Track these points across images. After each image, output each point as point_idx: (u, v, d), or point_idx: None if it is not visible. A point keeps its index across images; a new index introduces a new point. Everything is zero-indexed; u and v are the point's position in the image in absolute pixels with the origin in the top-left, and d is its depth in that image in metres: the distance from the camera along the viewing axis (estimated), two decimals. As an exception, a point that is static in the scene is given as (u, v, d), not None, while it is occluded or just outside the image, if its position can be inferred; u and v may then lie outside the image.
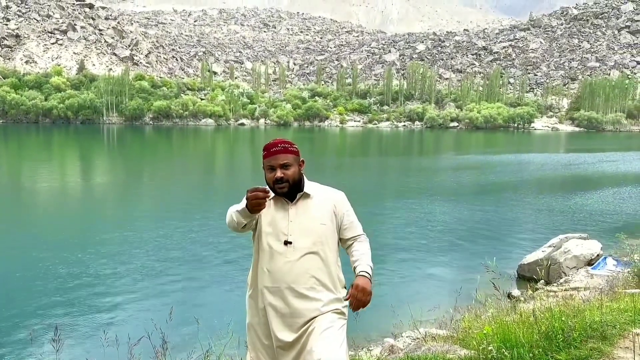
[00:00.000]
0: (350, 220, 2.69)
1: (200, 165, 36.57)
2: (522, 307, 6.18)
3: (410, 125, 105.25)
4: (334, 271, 2.61)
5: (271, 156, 2.59)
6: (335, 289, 2.60)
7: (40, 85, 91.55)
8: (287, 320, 2.51)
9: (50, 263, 11.39)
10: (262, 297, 2.59)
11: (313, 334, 2.45)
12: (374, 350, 5.55)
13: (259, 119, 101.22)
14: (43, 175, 28.30)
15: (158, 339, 3.31)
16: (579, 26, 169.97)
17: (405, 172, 32.25)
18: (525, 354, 3.57)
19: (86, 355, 4.11)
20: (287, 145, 2.62)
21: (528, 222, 17.24)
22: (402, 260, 12.31)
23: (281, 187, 2.56)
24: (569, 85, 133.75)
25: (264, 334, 2.60)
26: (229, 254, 12.38)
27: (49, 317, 8.44)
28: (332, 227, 2.63)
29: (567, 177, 30.40)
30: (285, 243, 2.55)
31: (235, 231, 2.62)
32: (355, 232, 2.70)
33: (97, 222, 16.66)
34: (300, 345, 2.48)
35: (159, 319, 3.94)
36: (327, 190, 2.72)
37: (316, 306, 2.52)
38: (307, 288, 2.52)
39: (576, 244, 11.42)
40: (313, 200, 2.63)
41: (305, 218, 2.58)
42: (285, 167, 2.57)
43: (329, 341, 2.40)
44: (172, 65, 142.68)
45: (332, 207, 2.64)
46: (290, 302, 2.51)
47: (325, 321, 2.48)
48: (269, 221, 2.61)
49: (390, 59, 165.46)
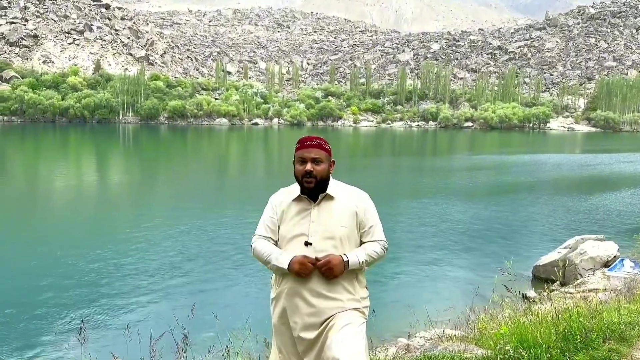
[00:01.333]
0: (370, 225, 2.67)
1: (217, 165, 36.80)
2: (538, 308, 6.15)
3: (424, 125, 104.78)
4: (353, 272, 2.62)
5: (304, 149, 2.63)
6: (355, 290, 2.62)
7: (57, 84, 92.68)
8: (308, 320, 2.55)
9: (73, 260, 11.62)
10: (284, 298, 2.62)
11: (332, 329, 2.48)
12: (389, 349, 5.56)
13: (273, 118, 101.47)
14: (62, 173, 28.70)
15: (179, 334, 3.38)
16: (596, 25, 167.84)
17: (420, 172, 32.14)
18: (543, 355, 3.57)
19: (110, 349, 4.20)
20: (322, 142, 2.66)
21: (544, 223, 17.09)
22: (417, 260, 12.29)
23: (309, 182, 2.58)
24: (586, 85, 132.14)
25: (288, 334, 2.63)
26: (248, 252, 12.47)
27: (74, 312, 8.67)
28: (352, 230, 2.63)
29: (584, 177, 30.07)
30: (306, 244, 2.57)
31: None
32: (373, 238, 2.67)
33: (117, 220, 16.90)
34: (321, 342, 2.51)
35: (180, 315, 4.03)
36: (351, 192, 2.71)
37: (336, 305, 2.55)
38: (326, 288, 2.54)
39: (592, 246, 11.31)
40: (335, 201, 2.63)
41: (327, 220, 2.59)
42: (316, 162, 2.60)
43: (347, 337, 2.43)
44: (186, 65, 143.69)
45: (354, 209, 2.63)
46: (311, 302, 2.54)
47: (344, 318, 2.51)
48: (291, 222, 2.64)
49: (404, 59, 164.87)
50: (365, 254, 2.59)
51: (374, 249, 2.64)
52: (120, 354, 3.84)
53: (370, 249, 2.63)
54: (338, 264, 2.50)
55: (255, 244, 2.69)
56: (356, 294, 2.61)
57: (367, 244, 2.65)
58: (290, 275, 2.56)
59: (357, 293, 2.62)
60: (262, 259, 2.63)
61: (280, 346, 2.68)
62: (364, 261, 2.57)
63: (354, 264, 2.54)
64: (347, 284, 2.59)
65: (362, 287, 2.67)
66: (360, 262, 2.56)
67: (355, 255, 2.56)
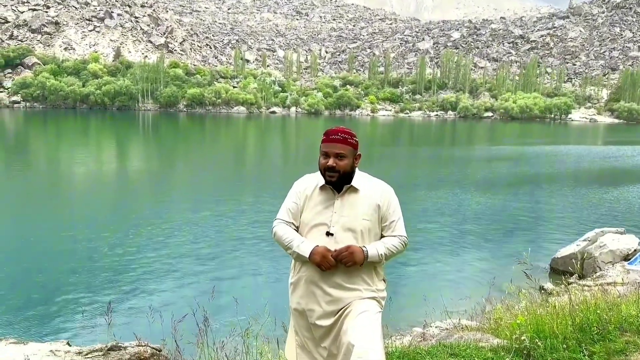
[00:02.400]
0: (392, 220, 2.67)
1: (236, 153, 37.02)
2: (555, 300, 6.13)
3: (442, 115, 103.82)
4: (372, 265, 2.64)
5: (329, 143, 2.61)
6: (372, 282, 2.64)
7: (78, 71, 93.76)
8: (326, 308, 2.58)
9: (98, 244, 11.95)
10: (302, 284, 2.66)
11: (349, 316, 2.52)
12: (405, 338, 5.60)
13: (290, 107, 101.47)
14: (84, 160, 29.16)
15: (200, 316, 3.47)
16: (621, 14, 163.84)
17: (438, 163, 31.94)
18: (559, 345, 3.58)
19: (134, 329, 4.34)
20: (348, 136, 2.62)
21: (563, 215, 16.91)
22: (434, 250, 12.29)
23: (331, 176, 2.59)
24: (609, 75, 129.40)
25: (304, 319, 2.68)
26: (266, 239, 12.70)
27: (101, 294, 9.00)
28: (374, 223, 2.64)
29: (605, 169, 29.59)
30: (327, 234, 2.59)
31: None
32: (394, 233, 2.68)
33: (138, 206, 17.23)
34: (337, 328, 2.56)
35: (201, 298, 4.14)
36: (376, 185, 2.71)
37: (353, 294, 2.58)
38: (345, 279, 2.57)
39: (612, 239, 11.17)
40: (359, 194, 2.64)
41: (349, 211, 2.60)
42: (339, 157, 2.58)
43: (363, 324, 2.46)
44: (205, 53, 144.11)
45: (377, 203, 2.63)
46: (328, 291, 2.58)
47: (361, 305, 2.54)
48: (313, 210, 2.65)
49: (423, 47, 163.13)
50: (385, 247, 2.60)
51: (393, 243, 2.64)
52: (144, 334, 3.96)
53: (390, 243, 2.64)
54: (358, 252, 2.52)
55: (277, 228, 2.71)
56: (373, 286, 2.64)
57: (387, 238, 2.66)
58: (310, 264, 2.59)
59: (374, 285, 2.65)
60: (283, 244, 2.65)
61: (297, 330, 2.73)
62: (383, 254, 2.59)
63: (373, 256, 2.56)
64: (365, 276, 2.62)
65: (380, 279, 2.70)
66: (379, 255, 2.58)
67: (374, 248, 2.58)
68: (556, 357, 3.47)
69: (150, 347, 4.36)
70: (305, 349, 2.69)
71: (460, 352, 3.59)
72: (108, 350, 4.20)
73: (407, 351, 3.62)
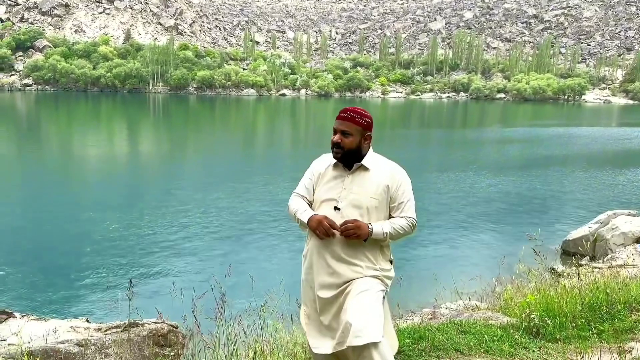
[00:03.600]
0: (400, 201, 2.71)
1: (248, 135, 37.11)
2: (566, 282, 6.17)
3: (454, 96, 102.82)
4: (377, 244, 2.69)
5: (338, 120, 2.73)
6: (376, 261, 2.69)
7: (89, 54, 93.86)
8: (328, 280, 2.66)
9: (116, 225, 12.28)
10: (310, 255, 2.75)
11: (349, 295, 2.58)
12: (415, 318, 5.69)
13: (300, 89, 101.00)
14: (98, 142, 29.42)
15: (218, 293, 3.60)
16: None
17: (450, 145, 31.80)
18: (568, 324, 3.63)
19: (155, 304, 4.48)
20: (356, 115, 2.70)
21: (575, 197, 16.84)
22: (444, 232, 12.34)
23: (336, 152, 2.70)
24: (624, 55, 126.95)
25: (310, 290, 2.77)
26: (280, 219, 12.96)
27: (119, 273, 9.38)
28: (382, 202, 2.68)
29: (619, 151, 29.28)
30: (335, 209, 2.67)
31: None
32: (402, 214, 2.71)
33: (155, 187, 17.65)
34: (339, 304, 2.63)
35: (218, 275, 4.26)
36: (388, 166, 2.76)
37: (356, 270, 2.63)
38: (346, 253, 2.63)
39: (625, 221, 11.12)
40: (370, 173, 2.70)
41: (358, 189, 2.67)
42: (344, 135, 2.68)
43: (362, 303, 2.51)
44: (215, 35, 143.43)
45: (386, 184, 2.69)
46: (330, 263, 2.65)
47: (362, 284, 2.59)
48: (325, 186, 2.75)
49: (435, 28, 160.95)
50: (391, 227, 2.65)
51: (400, 224, 2.68)
52: (164, 309, 4.09)
53: (397, 223, 2.67)
54: (364, 226, 2.58)
55: (290, 200, 2.84)
56: (377, 265, 2.69)
57: (394, 218, 2.71)
58: (315, 236, 2.69)
59: (378, 264, 2.70)
60: (291, 214, 2.79)
61: (305, 300, 2.83)
62: (387, 232, 2.63)
63: (378, 233, 2.61)
64: (369, 253, 2.67)
65: (385, 259, 2.75)
66: (384, 233, 2.62)
67: (380, 226, 2.63)
68: (565, 335, 3.52)
69: (167, 324, 4.49)
70: (312, 319, 2.78)
71: (470, 329, 3.65)
72: (127, 326, 4.33)
73: (418, 328, 3.70)
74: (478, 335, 3.53)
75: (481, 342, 3.45)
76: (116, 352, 3.91)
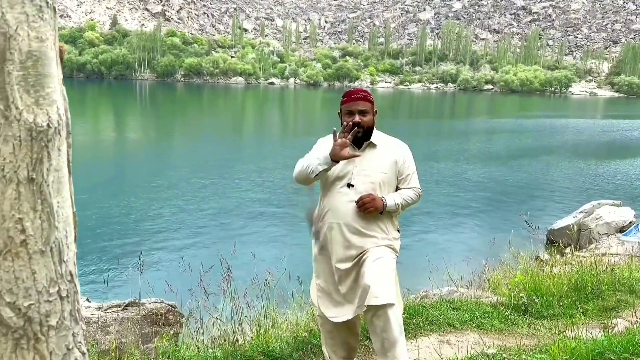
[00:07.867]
0: (407, 174, 2.93)
1: (244, 122, 37.06)
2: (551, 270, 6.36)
3: (442, 87, 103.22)
4: (389, 215, 2.89)
5: (352, 102, 2.86)
6: (388, 231, 2.89)
7: (75, 39, 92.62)
8: (345, 252, 2.83)
9: (116, 208, 12.66)
10: (325, 231, 2.90)
11: (366, 262, 2.77)
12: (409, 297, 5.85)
13: (289, 78, 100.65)
14: (88, 128, 29.14)
15: (224, 268, 3.76)
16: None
17: (438, 136, 32.02)
18: (555, 303, 3.80)
19: (165, 277, 4.62)
20: (366, 94, 2.90)
21: (560, 187, 17.13)
22: (432, 223, 12.50)
23: (357, 132, 2.81)
24: (611, 48, 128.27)
25: (326, 262, 2.93)
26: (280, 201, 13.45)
27: (134, 246, 9.93)
28: (391, 176, 2.89)
29: (603, 143, 29.75)
30: (348, 185, 2.83)
31: (304, 183, 2.89)
32: (409, 185, 2.94)
33: (151, 171, 17.94)
34: (355, 272, 2.82)
35: (224, 251, 4.39)
36: (393, 142, 2.98)
37: (370, 240, 2.82)
38: (362, 225, 2.82)
39: (609, 211, 11.38)
40: (377, 149, 2.90)
41: (369, 165, 2.85)
42: (362, 114, 2.84)
43: (378, 268, 2.70)
44: (203, 22, 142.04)
45: (394, 158, 2.90)
46: (347, 236, 2.82)
47: (377, 252, 2.79)
48: (337, 165, 2.86)
49: (424, 18, 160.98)
50: (401, 198, 2.87)
51: (408, 194, 2.91)
52: (173, 283, 4.22)
53: (406, 194, 2.90)
54: (379, 200, 2.78)
55: (297, 164, 2.90)
56: (389, 234, 2.90)
57: (402, 190, 2.93)
58: (330, 211, 2.85)
59: (390, 233, 2.90)
60: (305, 171, 2.81)
61: (320, 273, 2.99)
62: (399, 204, 2.84)
63: (391, 206, 2.82)
64: (382, 224, 2.87)
65: (395, 229, 2.96)
66: (396, 205, 2.83)
67: (392, 198, 2.83)
68: (552, 313, 3.69)
69: (166, 304, 4.59)
70: (325, 292, 2.94)
71: (462, 306, 3.82)
72: (126, 306, 4.43)
73: (412, 305, 3.85)
74: (470, 312, 3.70)
75: (473, 318, 3.63)
76: (117, 330, 4.00)
